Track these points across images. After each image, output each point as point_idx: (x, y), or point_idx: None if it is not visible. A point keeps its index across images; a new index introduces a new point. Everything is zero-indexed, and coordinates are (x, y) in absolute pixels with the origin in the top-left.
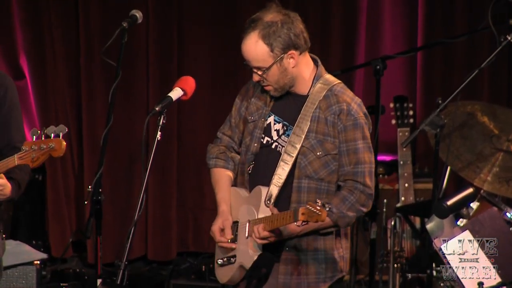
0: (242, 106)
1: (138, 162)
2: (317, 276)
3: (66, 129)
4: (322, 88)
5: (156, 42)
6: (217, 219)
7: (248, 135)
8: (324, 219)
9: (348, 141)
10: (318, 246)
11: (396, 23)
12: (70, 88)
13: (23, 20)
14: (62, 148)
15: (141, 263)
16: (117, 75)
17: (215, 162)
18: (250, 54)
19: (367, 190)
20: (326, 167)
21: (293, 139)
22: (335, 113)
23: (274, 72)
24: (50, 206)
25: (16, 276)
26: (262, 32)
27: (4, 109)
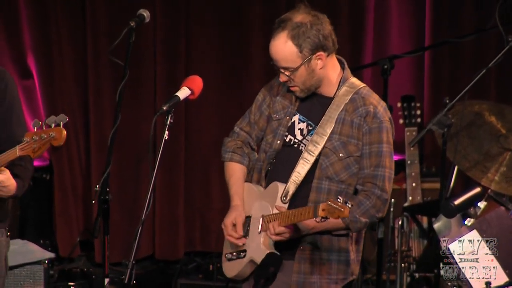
0: (264, 104)
1: (146, 161)
2: (329, 277)
3: (67, 118)
4: (347, 91)
5: (163, 42)
6: (230, 213)
7: (271, 133)
8: (347, 215)
9: (372, 143)
10: (333, 247)
11: (404, 22)
12: (78, 87)
13: (30, 20)
14: (63, 136)
15: (149, 262)
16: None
17: (231, 156)
18: (278, 54)
19: (383, 196)
20: (347, 169)
21: (315, 139)
22: (361, 115)
23: (302, 73)
24: (58, 206)
25: (23, 275)
26: (292, 32)
27: (5, 104)
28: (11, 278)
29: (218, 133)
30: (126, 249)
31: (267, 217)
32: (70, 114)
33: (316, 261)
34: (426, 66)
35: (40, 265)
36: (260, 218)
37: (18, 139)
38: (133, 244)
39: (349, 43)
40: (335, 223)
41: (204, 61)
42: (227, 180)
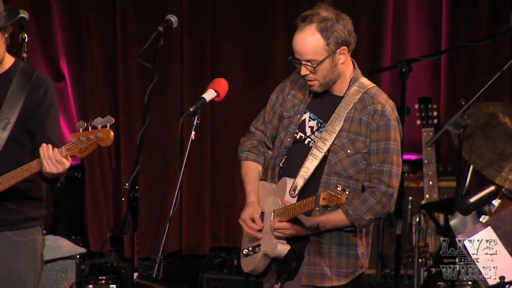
0: (277, 103)
1: (173, 161)
2: (339, 270)
3: (113, 120)
4: (357, 91)
5: (190, 46)
6: (247, 209)
7: (282, 130)
8: (343, 202)
9: (379, 140)
10: (342, 241)
11: (421, 27)
12: (108, 90)
13: (63, 25)
14: (110, 137)
15: (176, 257)
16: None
17: (246, 155)
18: (305, 46)
19: (389, 191)
20: (355, 165)
21: (324, 136)
22: (369, 113)
23: (326, 66)
24: (89, 203)
25: (56, 269)
26: (320, 25)
27: (43, 108)
28: (44, 272)
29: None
30: (154, 244)
31: (277, 211)
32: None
33: (326, 254)
34: (443, 69)
35: (72, 259)
36: (272, 213)
37: (52, 140)
38: (161, 240)
39: (368, 46)
40: (340, 220)
41: (229, 64)
42: (243, 178)
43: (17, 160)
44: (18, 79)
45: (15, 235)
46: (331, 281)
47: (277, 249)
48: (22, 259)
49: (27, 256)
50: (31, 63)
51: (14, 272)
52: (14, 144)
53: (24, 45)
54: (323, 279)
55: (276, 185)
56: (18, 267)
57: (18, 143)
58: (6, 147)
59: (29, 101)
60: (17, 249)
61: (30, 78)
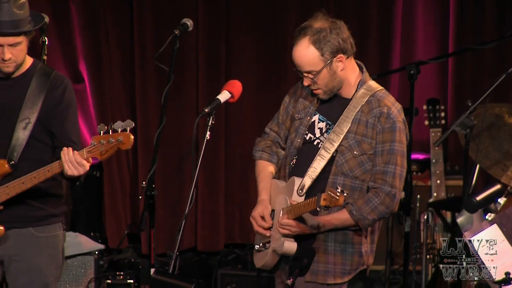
0: (289, 105)
1: (189, 160)
2: (343, 267)
3: (133, 124)
4: (365, 93)
5: (205, 49)
6: (258, 207)
7: (293, 132)
8: (341, 203)
9: (384, 142)
10: (347, 239)
11: (429, 30)
12: (125, 91)
13: (82, 28)
14: (130, 141)
15: (191, 253)
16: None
17: (260, 155)
18: (301, 59)
19: (392, 192)
20: (361, 166)
21: (332, 137)
22: (376, 115)
23: (324, 75)
24: (107, 201)
25: (75, 265)
26: (313, 37)
27: (61, 107)
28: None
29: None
30: (170, 241)
31: (285, 209)
32: (118, 116)
33: (330, 252)
34: (450, 71)
35: (90, 255)
36: (281, 211)
37: (72, 138)
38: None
39: (378, 49)
40: (344, 219)
41: (243, 66)
42: (256, 176)
43: (38, 158)
44: (37, 79)
45: (37, 231)
46: (334, 278)
47: (284, 246)
48: (44, 254)
49: (48, 251)
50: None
51: (36, 267)
52: (35, 142)
53: (44, 48)
54: (325, 276)
55: (286, 184)
56: (40, 262)
57: (39, 141)
58: (28, 146)
59: (48, 100)
60: (39, 244)
61: (48, 78)
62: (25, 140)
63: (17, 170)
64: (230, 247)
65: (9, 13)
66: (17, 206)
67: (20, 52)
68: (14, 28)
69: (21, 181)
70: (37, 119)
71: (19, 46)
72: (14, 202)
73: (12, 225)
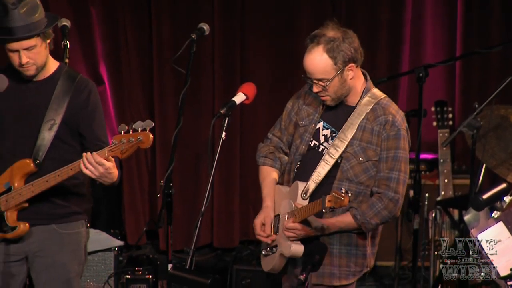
0: (292, 111)
1: (205, 160)
2: (348, 269)
3: (152, 123)
4: (369, 101)
5: (221, 52)
6: (260, 214)
7: (298, 138)
8: (347, 204)
9: (389, 148)
10: (351, 242)
11: (437, 34)
12: (144, 93)
13: (102, 32)
14: (150, 140)
15: (207, 250)
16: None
17: (263, 161)
18: (314, 67)
19: (395, 197)
20: (366, 172)
21: (336, 143)
22: (381, 123)
23: (335, 83)
24: (126, 199)
25: (96, 261)
26: (327, 46)
27: (88, 109)
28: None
29: None
30: (187, 238)
31: (290, 212)
32: (137, 116)
33: (335, 255)
34: (457, 74)
35: (110, 252)
36: (286, 215)
37: (100, 139)
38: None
39: (388, 53)
40: (348, 223)
41: (257, 68)
42: (260, 183)
43: (62, 158)
44: (62, 82)
45: (60, 228)
46: (339, 280)
47: (291, 249)
48: (67, 250)
49: (71, 247)
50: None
51: (59, 262)
52: (60, 143)
53: (66, 51)
54: (331, 278)
55: (289, 189)
56: (63, 257)
57: (63, 142)
58: (52, 146)
59: (73, 103)
60: (63, 241)
61: (73, 81)
62: (50, 140)
63: (42, 169)
64: (245, 243)
65: (19, 18)
66: (41, 204)
67: (37, 55)
68: (25, 32)
69: (45, 179)
70: (62, 121)
71: (35, 49)
72: (39, 200)
73: (36, 222)
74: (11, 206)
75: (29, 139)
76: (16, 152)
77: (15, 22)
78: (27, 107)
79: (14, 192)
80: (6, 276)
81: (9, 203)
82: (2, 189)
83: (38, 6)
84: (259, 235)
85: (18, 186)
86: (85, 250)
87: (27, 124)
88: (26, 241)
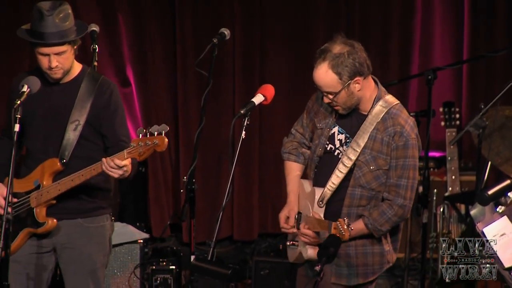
0: (312, 111)
1: (226, 157)
2: (366, 268)
3: (168, 128)
4: (380, 110)
5: (241, 55)
6: (285, 208)
7: (316, 138)
8: (347, 238)
9: (398, 157)
10: (367, 242)
11: (445, 39)
12: (168, 94)
13: (129, 37)
14: (165, 144)
15: (228, 242)
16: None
17: (288, 156)
18: (321, 81)
19: (405, 203)
20: (377, 179)
21: (349, 152)
22: (390, 134)
23: (343, 96)
24: (151, 194)
25: (123, 252)
26: (332, 63)
27: (109, 110)
28: (112, 255)
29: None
30: (209, 231)
31: (306, 217)
32: (162, 117)
33: (353, 255)
34: (464, 77)
35: (136, 244)
36: (305, 216)
37: (121, 138)
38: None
39: (399, 57)
40: (360, 230)
41: (275, 71)
42: (285, 177)
43: (88, 156)
44: (86, 84)
45: (86, 222)
46: (357, 279)
47: (307, 253)
48: (92, 243)
49: (97, 240)
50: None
51: (86, 254)
52: (85, 142)
53: (95, 55)
54: (349, 278)
55: (309, 191)
56: (89, 250)
57: (88, 141)
58: (78, 145)
59: (96, 103)
60: (88, 234)
61: (96, 82)
62: (75, 140)
63: (68, 167)
64: (263, 236)
65: (53, 24)
66: (68, 200)
67: (66, 60)
68: (58, 38)
69: (70, 179)
70: (86, 121)
71: (65, 55)
72: (66, 196)
73: (64, 216)
74: (41, 203)
75: (56, 139)
76: (46, 151)
77: (48, 28)
78: (54, 108)
79: (43, 190)
80: (38, 267)
81: (39, 200)
82: (32, 186)
83: (70, 14)
84: (283, 228)
85: (46, 184)
86: (110, 242)
87: (54, 125)
88: (54, 235)
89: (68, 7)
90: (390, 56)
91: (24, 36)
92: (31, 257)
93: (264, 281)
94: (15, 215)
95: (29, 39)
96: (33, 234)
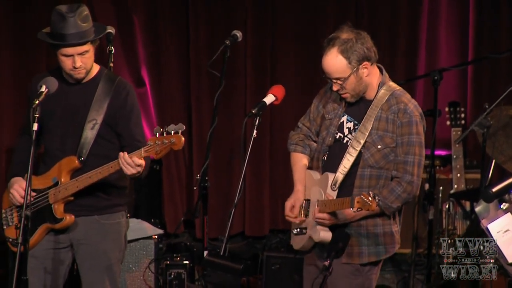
0: (319, 105)
1: (237, 155)
2: (377, 247)
3: (184, 127)
4: (385, 93)
5: (252, 57)
6: (291, 197)
7: (324, 130)
8: (374, 208)
9: (403, 134)
10: (377, 221)
11: (451, 41)
12: (182, 94)
13: (144, 39)
14: (181, 142)
15: (240, 238)
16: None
17: (294, 148)
18: (331, 67)
19: (413, 179)
20: (385, 158)
21: (358, 136)
22: (394, 112)
23: (352, 81)
24: (166, 191)
25: (138, 248)
26: (341, 47)
27: (125, 110)
28: (128, 250)
29: None
30: (221, 227)
31: (320, 202)
32: (176, 116)
33: (364, 235)
34: (469, 77)
35: (151, 239)
36: (316, 202)
37: (136, 137)
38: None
39: (405, 57)
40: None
41: (286, 72)
42: (292, 167)
43: (104, 155)
44: (103, 84)
45: (102, 219)
46: (368, 257)
47: (320, 235)
48: (108, 239)
49: (113, 236)
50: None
51: (102, 250)
52: (102, 141)
53: (111, 56)
54: (360, 257)
55: (320, 177)
56: (105, 245)
57: (105, 140)
58: (95, 144)
59: (113, 103)
60: (104, 230)
61: (113, 83)
62: (92, 138)
63: (86, 165)
64: (274, 232)
65: (75, 25)
66: (85, 197)
67: (88, 59)
68: (80, 38)
69: (88, 176)
70: (103, 120)
71: (87, 54)
72: (83, 193)
73: (81, 213)
74: (59, 199)
75: (74, 138)
76: (64, 149)
77: (70, 29)
78: (72, 107)
79: (61, 187)
80: (55, 262)
81: (57, 196)
82: (50, 183)
83: (89, 15)
84: (288, 216)
85: (64, 181)
86: (125, 238)
87: (72, 124)
88: (71, 231)
89: (86, 9)
90: (397, 57)
91: (46, 39)
92: (49, 252)
93: (275, 275)
94: (33, 211)
95: (52, 42)
96: (51, 230)
